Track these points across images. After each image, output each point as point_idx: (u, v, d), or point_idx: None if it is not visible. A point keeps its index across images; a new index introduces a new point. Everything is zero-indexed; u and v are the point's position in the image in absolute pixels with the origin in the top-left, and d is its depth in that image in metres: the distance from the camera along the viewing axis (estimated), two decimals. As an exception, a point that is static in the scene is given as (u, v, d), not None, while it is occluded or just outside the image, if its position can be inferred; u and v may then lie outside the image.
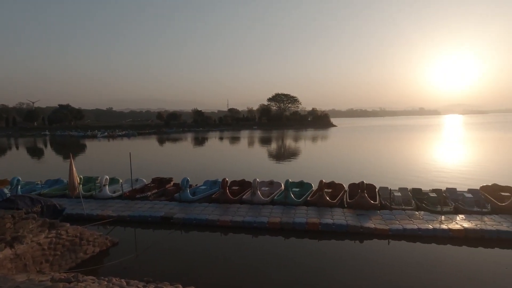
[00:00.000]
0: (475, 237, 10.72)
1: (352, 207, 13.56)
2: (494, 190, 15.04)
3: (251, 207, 13.99)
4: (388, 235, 11.07)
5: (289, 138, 70.72)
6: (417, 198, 14.45)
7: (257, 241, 11.20)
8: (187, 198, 15.10)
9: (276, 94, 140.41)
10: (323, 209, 13.34)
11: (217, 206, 14.19)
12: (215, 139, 71.05)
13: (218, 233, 11.95)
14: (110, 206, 14.40)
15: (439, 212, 12.68)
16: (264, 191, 15.97)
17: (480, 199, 13.82)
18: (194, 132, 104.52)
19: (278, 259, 9.72)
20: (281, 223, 12.00)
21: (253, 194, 14.64)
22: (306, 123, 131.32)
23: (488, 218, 11.94)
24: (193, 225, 12.53)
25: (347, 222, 11.72)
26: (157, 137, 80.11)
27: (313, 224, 11.73)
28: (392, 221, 11.91)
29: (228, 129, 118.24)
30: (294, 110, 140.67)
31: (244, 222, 12.26)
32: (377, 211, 13.04)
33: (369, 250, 10.30)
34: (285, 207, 13.86)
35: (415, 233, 11.00)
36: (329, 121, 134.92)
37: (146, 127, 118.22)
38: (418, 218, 12.09)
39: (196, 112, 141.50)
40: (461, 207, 13.19)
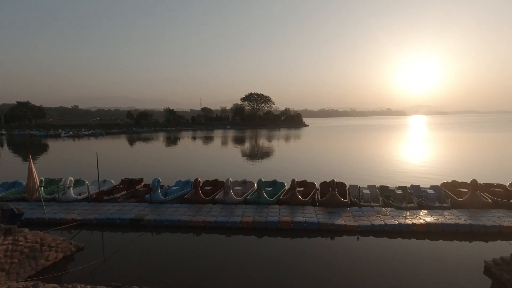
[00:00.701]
0: (436, 230, 11.37)
1: (323, 205, 13.88)
2: (453, 186, 16.05)
3: (224, 207, 13.91)
4: (357, 231, 11.46)
5: (262, 137, 71.11)
6: (384, 195, 15.07)
7: (230, 241, 11.15)
8: (158, 199, 14.72)
9: (250, 94, 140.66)
10: (295, 208, 13.54)
11: (190, 207, 13.96)
12: (187, 139, 69.85)
13: (191, 234, 11.76)
14: (75, 209, 13.69)
15: (404, 208, 13.31)
16: (237, 190, 15.95)
17: (441, 195, 14.66)
18: (166, 131, 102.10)
19: (252, 258, 9.75)
20: (254, 222, 12.03)
21: (226, 194, 14.55)
22: (279, 122, 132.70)
23: (448, 213, 12.71)
24: (164, 226, 12.24)
25: (318, 220, 11.98)
26: (127, 137, 77.39)
27: (285, 223, 11.86)
28: (361, 217, 12.34)
29: (201, 128, 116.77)
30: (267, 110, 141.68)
31: (217, 222, 12.16)
32: (347, 208, 13.44)
33: (339, 246, 10.61)
34: (258, 206, 13.92)
35: (382, 229, 11.47)
36: (301, 120, 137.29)
37: (115, 127, 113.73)
38: (385, 214, 12.61)
39: (168, 111, 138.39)
40: (424, 202, 13.93)
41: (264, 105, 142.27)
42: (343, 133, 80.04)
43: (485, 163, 28.66)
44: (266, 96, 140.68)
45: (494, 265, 8.16)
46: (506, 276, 7.59)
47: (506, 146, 43.15)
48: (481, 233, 11.18)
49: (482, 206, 13.37)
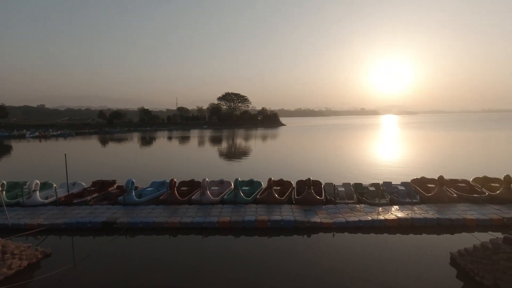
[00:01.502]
0: (407, 225, 11.84)
1: (300, 203, 14.06)
2: (422, 182, 16.79)
3: (201, 207, 13.74)
4: (333, 228, 11.70)
5: (239, 137, 71.02)
6: (358, 192, 15.50)
7: (207, 242, 11.02)
8: (132, 200, 14.29)
9: (227, 93, 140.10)
10: (272, 206, 13.61)
11: (165, 208, 13.66)
12: (163, 139, 68.41)
13: (167, 235, 11.50)
14: (42, 214, 12.99)
15: (377, 204, 13.75)
16: (214, 190, 15.81)
17: (411, 191, 15.30)
18: (140, 131, 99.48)
19: (230, 258, 9.67)
20: (230, 222, 11.97)
21: (203, 194, 14.38)
22: (256, 122, 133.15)
23: (417, 208, 13.27)
24: (139, 229, 11.89)
25: (294, 218, 12.11)
26: (99, 137, 74.57)
27: (262, 222, 11.90)
28: (336, 214, 12.61)
29: (177, 128, 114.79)
30: (244, 110, 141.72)
31: (194, 223, 11.99)
32: (323, 206, 13.69)
33: (315, 243, 10.77)
34: (235, 206, 13.87)
35: (356, 225, 11.79)
36: (278, 120, 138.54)
37: (86, 127, 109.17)
38: (359, 211, 12.97)
39: (143, 110, 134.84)
40: (395, 198, 14.48)
41: (241, 105, 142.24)
42: (318, 132, 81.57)
43: (451, 159, 30.24)
44: (243, 95, 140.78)
45: (459, 256, 8.62)
46: (469, 266, 8.04)
47: (469, 143, 45.80)
48: (448, 226, 11.78)
49: (448, 201, 14.09)
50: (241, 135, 75.91)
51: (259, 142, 58.50)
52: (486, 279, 7.44)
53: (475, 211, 12.77)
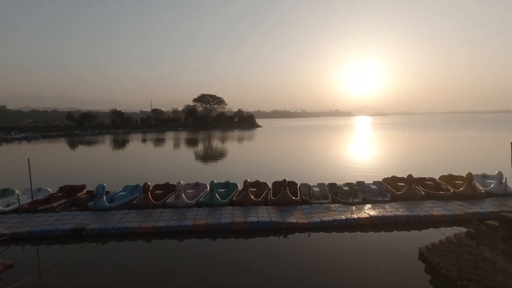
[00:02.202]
0: (378, 223, 12.25)
1: (276, 204, 14.15)
2: (393, 181, 17.44)
3: (176, 210, 13.47)
4: (308, 227, 11.87)
5: (215, 139, 70.49)
6: (333, 192, 15.83)
7: (182, 245, 10.82)
8: (103, 206, 13.75)
9: (202, 95, 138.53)
10: (248, 208, 13.60)
11: (138, 212, 13.27)
12: (137, 141, 66.49)
13: (140, 241, 11.17)
14: (2, 223, 12.20)
15: (351, 204, 14.11)
16: (189, 193, 15.57)
17: (382, 189, 15.85)
18: (113, 134, 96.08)
19: (206, 261, 9.55)
20: (206, 225, 11.83)
21: (178, 197, 14.11)
22: (232, 124, 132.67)
23: (388, 206, 13.77)
24: (110, 235, 11.46)
25: (270, 219, 12.17)
26: (67, 140, 71.23)
27: (238, 224, 11.86)
28: (311, 214, 12.81)
29: (151, 130, 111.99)
30: (220, 111, 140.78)
31: (168, 227, 11.74)
32: (299, 206, 13.86)
33: (292, 243, 10.88)
34: (211, 208, 13.72)
35: (331, 224, 12.03)
36: (254, 121, 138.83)
37: (53, 129, 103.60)
38: (333, 210, 13.25)
39: (115, 112, 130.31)
40: (368, 197, 14.93)
41: (217, 106, 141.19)
42: (294, 134, 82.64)
43: (419, 159, 31.69)
44: (218, 97, 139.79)
45: (426, 250, 9.02)
46: (436, 260, 8.44)
47: (435, 143, 48.23)
48: (416, 223, 12.31)
49: (417, 198, 14.73)
50: (217, 137, 75.39)
51: (235, 143, 58.36)
52: (451, 271, 7.84)
53: (441, 207, 13.44)
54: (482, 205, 13.68)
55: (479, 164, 25.33)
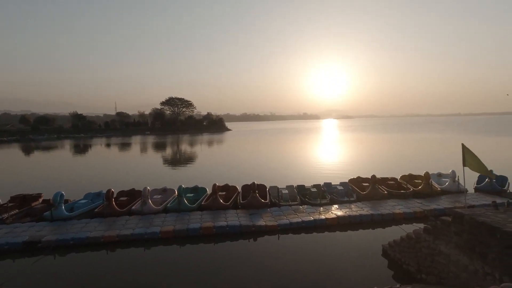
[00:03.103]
0: (345, 222, 12.64)
1: (245, 207, 14.12)
2: (358, 182, 18.10)
3: (142, 217, 12.98)
4: (277, 230, 11.96)
5: (184, 143, 69.13)
6: (301, 194, 16.10)
7: (149, 253, 10.41)
8: (62, 215, 12.90)
9: (170, 98, 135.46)
10: (217, 212, 13.45)
11: (101, 221, 12.61)
12: (100, 146, 63.39)
13: (103, 251, 10.59)
14: None
15: (319, 205, 14.44)
16: (156, 199, 15.10)
17: (348, 190, 16.40)
18: (73, 139, 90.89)
19: (174, 268, 9.28)
20: (174, 231, 11.52)
21: (144, 204, 13.61)
22: (201, 127, 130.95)
23: (354, 206, 14.26)
24: (70, 246, 10.76)
25: (240, 223, 12.11)
26: (20, 146, 66.24)
27: (207, 228, 11.67)
28: (280, 216, 12.92)
29: (116, 134, 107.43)
30: (189, 115, 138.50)
31: (134, 235, 11.27)
32: (268, 209, 13.93)
33: (261, 246, 10.89)
34: (179, 214, 13.40)
35: (300, 225, 12.22)
36: (224, 125, 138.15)
37: (4, 134, 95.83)
38: (302, 212, 13.47)
39: (76, 115, 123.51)
40: (335, 198, 15.37)
41: (186, 110, 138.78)
42: (263, 137, 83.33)
43: (382, 159, 33.26)
44: (187, 100, 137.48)
45: (389, 247, 9.44)
46: (398, 256, 8.86)
47: (397, 144, 50.94)
48: (380, 221, 12.85)
49: (380, 198, 15.41)
50: (186, 141, 73.98)
51: (204, 147, 57.62)
52: (411, 266, 8.26)
53: (402, 205, 14.16)
54: (438, 202, 14.61)
55: (435, 163, 27.06)
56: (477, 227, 6.36)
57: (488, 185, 16.04)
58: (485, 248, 6.13)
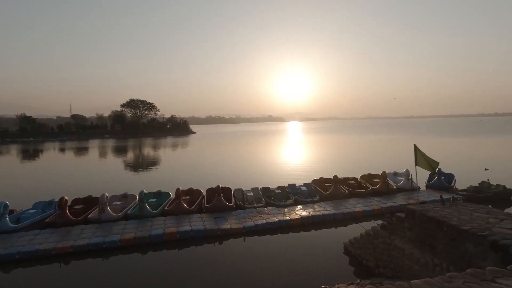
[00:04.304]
0: (309, 222, 12.95)
1: (210, 211, 13.93)
2: (321, 182, 18.67)
3: (100, 226, 12.29)
4: (242, 232, 11.94)
5: (146, 146, 66.69)
6: (266, 196, 16.24)
7: (108, 264, 9.85)
8: (6, 227, 11.82)
9: (131, 100, 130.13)
10: (181, 217, 13.12)
11: (53, 232, 11.74)
12: (53, 151, 59.05)
13: (56, 264, 9.85)
14: None
15: (283, 206, 14.65)
16: (116, 206, 14.38)
17: (312, 190, 16.83)
18: (21, 143, 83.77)
19: (136, 276, 8.90)
20: (136, 239, 11.04)
21: (102, 211, 12.89)
22: (165, 130, 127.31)
23: (317, 205, 14.66)
24: (16, 261, 9.86)
25: (204, 227, 11.92)
26: (-41, 152, 59.68)
27: (170, 234, 11.34)
28: (245, 219, 12.91)
29: (72, 138, 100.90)
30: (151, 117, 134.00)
31: (91, 245, 10.63)
32: (233, 212, 13.86)
33: (227, 249, 10.80)
34: (141, 220, 12.88)
35: (265, 227, 12.30)
36: (188, 128, 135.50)
37: None
38: (267, 214, 13.57)
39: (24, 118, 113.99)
40: (299, 199, 15.69)
41: (148, 112, 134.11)
42: (229, 139, 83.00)
43: (343, 159, 34.64)
44: (149, 102, 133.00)
45: (350, 244, 9.82)
46: (358, 252, 9.24)
47: (358, 145, 53.38)
48: (342, 220, 13.33)
49: (342, 197, 16.00)
50: (149, 144, 71.44)
51: (168, 151, 56.05)
52: (370, 261, 8.65)
53: (362, 204, 14.83)
54: (394, 199, 15.50)
55: (392, 163, 28.72)
56: (427, 222, 6.83)
57: (437, 182, 17.35)
58: (434, 241, 6.59)
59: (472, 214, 6.94)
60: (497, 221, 6.36)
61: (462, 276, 4.23)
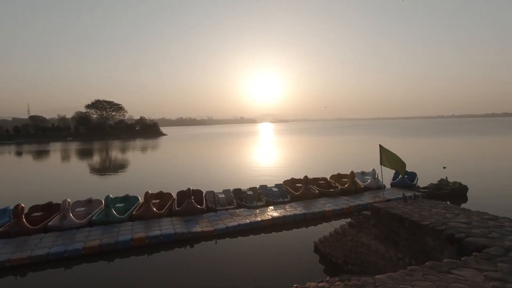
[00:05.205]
0: (280, 223, 13.07)
1: (180, 214, 13.65)
2: (292, 183, 18.93)
3: (61, 234, 11.61)
4: (214, 235, 11.81)
5: (114, 149, 64.11)
6: (238, 197, 16.19)
7: (71, 274, 9.32)
8: (-46, 239, 10.79)
9: (97, 101, 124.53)
10: (150, 222, 12.74)
11: (8, 242, 10.93)
12: (8, 155, 55.00)
13: (11, 276, 9.16)
14: None
15: (255, 207, 14.68)
16: (80, 212, 13.66)
17: (283, 191, 17.02)
18: (-28, 147, 77.17)
19: (100, 286, 8.48)
20: (101, 246, 10.55)
21: (63, 218, 12.18)
22: (134, 132, 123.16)
23: (288, 206, 14.84)
24: (-37, 276, 9.03)
25: (175, 231, 11.65)
26: None
27: (139, 240, 10.96)
28: (217, 221, 12.79)
29: (30, 141, 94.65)
30: (119, 119, 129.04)
31: (51, 254, 10.00)
32: (204, 215, 13.68)
33: (198, 253, 10.63)
34: (107, 226, 12.34)
35: (236, 229, 12.25)
36: (158, 130, 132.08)
37: None
38: (238, 215, 13.53)
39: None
40: (270, 200, 15.81)
41: (116, 114, 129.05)
42: (200, 141, 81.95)
43: (314, 160, 35.43)
44: (117, 103, 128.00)
45: (320, 243, 10.04)
46: (328, 250, 9.47)
47: (328, 146, 54.85)
48: (312, 219, 13.60)
49: (312, 197, 16.33)
50: (116, 147, 68.71)
51: (137, 153, 54.23)
52: (339, 259, 8.89)
53: (331, 203, 15.23)
54: (362, 198, 16.08)
55: (359, 162, 29.78)
56: (391, 219, 7.15)
57: (401, 181, 18.25)
58: (397, 236, 6.92)
59: (431, 210, 7.37)
60: (453, 216, 6.80)
61: (422, 269, 4.47)
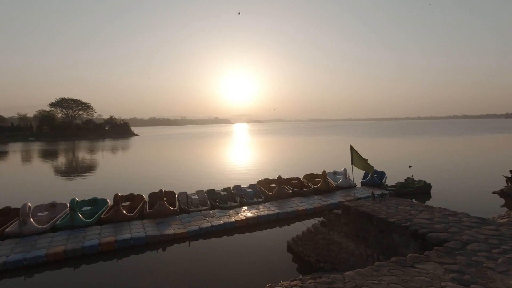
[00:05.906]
0: (254, 223, 13.10)
1: (152, 217, 13.29)
2: (266, 183, 19.05)
3: (21, 240, 10.91)
4: (187, 237, 11.61)
5: (81, 150, 61.20)
6: (211, 198, 16.03)
7: (31, 283, 8.75)
8: None
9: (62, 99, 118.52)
10: (120, 225, 12.30)
11: (-41, 251, 10.05)
12: (-38, 157, 50.81)
13: (-38, 289, 8.44)
14: None
15: (229, 208, 14.61)
16: (42, 217, 12.90)
17: (257, 191, 17.07)
18: None
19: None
20: (65, 252, 10.02)
21: (23, 223, 11.43)
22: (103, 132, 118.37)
23: (262, 206, 14.90)
24: None
25: (146, 234, 11.32)
26: None
27: (107, 244, 10.53)
28: (190, 223, 12.58)
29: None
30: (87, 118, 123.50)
31: (9, 263, 9.36)
32: (177, 216, 13.41)
33: (170, 255, 10.39)
34: (72, 231, 11.74)
35: (210, 230, 12.12)
36: (129, 130, 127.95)
37: None
38: (212, 216, 13.39)
39: None
40: (244, 200, 15.80)
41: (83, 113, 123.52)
42: (173, 142, 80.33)
43: (287, 160, 35.87)
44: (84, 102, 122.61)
45: (293, 242, 10.16)
46: (300, 249, 9.61)
47: (301, 146, 55.76)
48: (285, 219, 13.75)
49: (285, 197, 16.51)
50: (84, 148, 65.63)
51: (106, 154, 52.12)
52: (311, 257, 9.05)
53: (304, 202, 15.48)
54: (334, 197, 16.48)
55: (331, 162, 30.55)
56: (360, 216, 7.38)
57: (371, 180, 18.92)
58: (366, 233, 7.15)
59: (397, 207, 7.70)
60: (417, 213, 7.15)
61: (388, 264, 4.65)
